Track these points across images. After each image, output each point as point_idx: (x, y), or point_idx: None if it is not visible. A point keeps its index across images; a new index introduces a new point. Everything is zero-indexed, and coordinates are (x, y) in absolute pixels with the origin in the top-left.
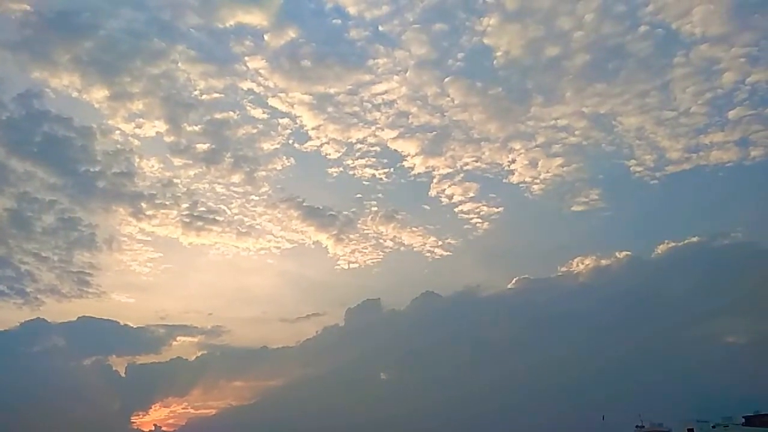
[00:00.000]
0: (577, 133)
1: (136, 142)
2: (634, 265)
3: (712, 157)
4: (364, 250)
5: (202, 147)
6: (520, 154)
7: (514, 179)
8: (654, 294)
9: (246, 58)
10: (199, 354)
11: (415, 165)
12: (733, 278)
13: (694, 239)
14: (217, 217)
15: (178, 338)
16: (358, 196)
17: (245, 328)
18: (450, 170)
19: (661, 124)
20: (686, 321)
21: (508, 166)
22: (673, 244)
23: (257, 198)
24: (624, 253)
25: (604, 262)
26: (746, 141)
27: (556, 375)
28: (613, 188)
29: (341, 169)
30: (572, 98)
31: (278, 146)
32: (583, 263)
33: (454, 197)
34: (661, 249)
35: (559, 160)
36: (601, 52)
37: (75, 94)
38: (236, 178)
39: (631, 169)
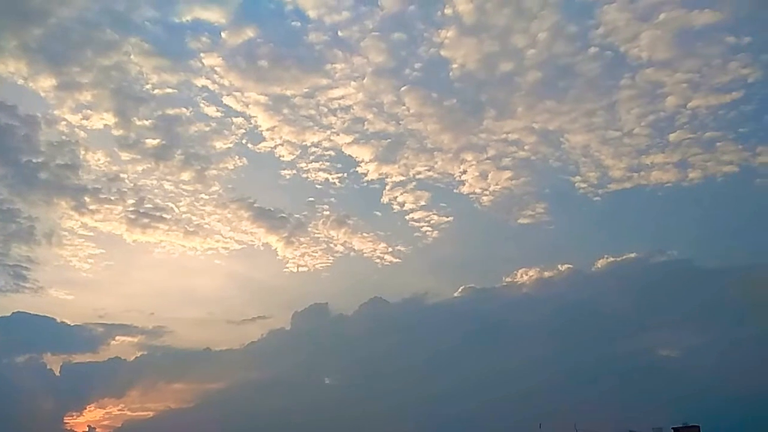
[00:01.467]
0: (526, 147)
1: (83, 134)
2: (575, 278)
3: (653, 177)
4: (314, 254)
5: (151, 142)
6: (472, 165)
7: (465, 190)
8: (593, 306)
9: (202, 55)
10: (139, 354)
11: (368, 171)
12: (668, 294)
13: (632, 255)
14: (164, 215)
15: (117, 338)
16: (311, 199)
17: (188, 329)
18: (403, 178)
19: (606, 143)
20: (622, 333)
21: (460, 176)
22: (613, 258)
23: (207, 197)
24: (566, 265)
25: (547, 273)
26: (685, 163)
27: (498, 384)
28: (559, 203)
29: (294, 171)
30: (523, 113)
31: (231, 145)
32: (527, 274)
33: (406, 205)
34: (601, 263)
35: (508, 173)
36: (552, 70)
37: (21, 82)
38: (186, 175)
39: (576, 185)
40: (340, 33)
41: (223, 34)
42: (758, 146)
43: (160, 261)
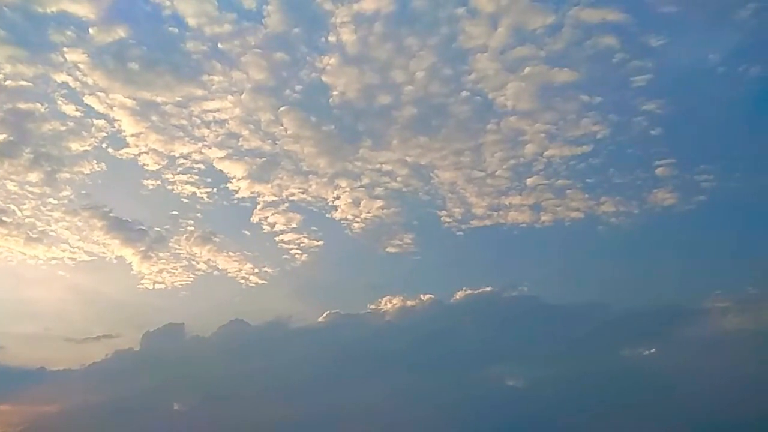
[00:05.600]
0: (398, 179)
1: None
2: (436, 308)
3: (510, 216)
4: (174, 271)
5: None
6: (345, 191)
7: (337, 215)
8: (450, 336)
9: (65, 49)
10: None
11: (240, 188)
12: (517, 327)
13: (488, 289)
14: (4, 218)
15: None
16: (174, 213)
17: (21, 345)
18: (275, 198)
19: (471, 181)
20: (475, 363)
21: (333, 201)
22: (470, 291)
23: (56, 202)
24: (428, 296)
25: (410, 303)
26: (539, 206)
27: (356, 410)
28: (425, 235)
29: (159, 182)
30: (398, 146)
31: (89, 148)
32: (390, 302)
33: (276, 226)
34: (459, 295)
35: (380, 203)
36: (427, 108)
37: None
38: (34, 176)
39: (441, 219)
40: (220, 45)
41: (90, 30)
42: (602, 196)
43: None
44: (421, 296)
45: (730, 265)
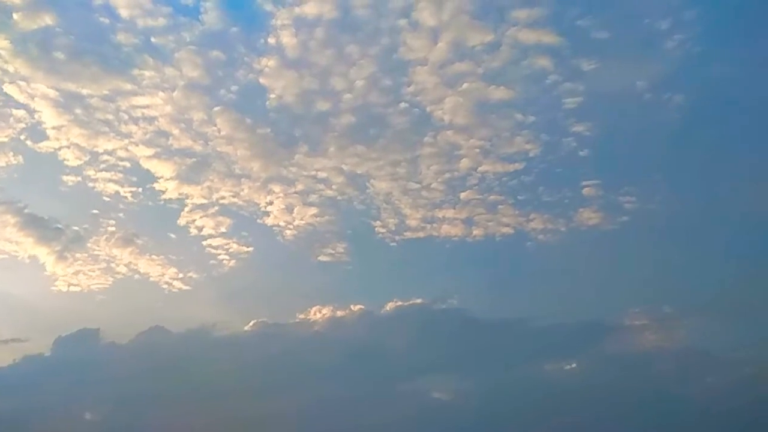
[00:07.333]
0: (334, 187)
1: None
2: (366, 319)
3: (443, 230)
4: (91, 273)
5: None
6: (279, 197)
7: (269, 221)
8: (379, 347)
9: None
10: None
11: (167, 189)
12: (444, 339)
13: (418, 300)
14: None
15: None
16: (95, 212)
17: None
18: (205, 201)
19: (406, 193)
20: (402, 375)
21: (265, 207)
22: (401, 302)
23: None
24: (358, 306)
25: (339, 313)
26: (471, 221)
27: (281, 422)
28: (358, 244)
29: (79, 178)
30: (334, 154)
31: (6, 140)
32: (320, 312)
33: (204, 230)
34: (390, 306)
35: (314, 210)
36: (365, 117)
37: None
38: None
39: (376, 229)
40: (153, 39)
41: (14, 16)
42: (531, 213)
43: None
44: (352, 306)
45: (648, 283)
